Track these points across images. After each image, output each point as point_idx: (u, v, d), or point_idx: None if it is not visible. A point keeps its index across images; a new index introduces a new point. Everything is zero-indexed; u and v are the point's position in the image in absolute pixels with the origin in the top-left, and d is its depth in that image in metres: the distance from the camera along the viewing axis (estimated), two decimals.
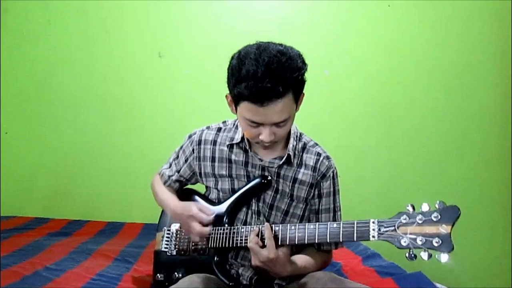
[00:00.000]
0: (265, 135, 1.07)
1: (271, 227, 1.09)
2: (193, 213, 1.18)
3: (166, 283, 1.21)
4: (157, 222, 1.39)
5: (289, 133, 1.20)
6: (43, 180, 2.64)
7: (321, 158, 1.22)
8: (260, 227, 1.11)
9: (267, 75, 0.98)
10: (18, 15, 2.61)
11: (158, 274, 1.29)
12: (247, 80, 1.00)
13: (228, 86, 1.08)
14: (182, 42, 2.62)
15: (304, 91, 1.10)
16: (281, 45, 1.07)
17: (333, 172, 1.23)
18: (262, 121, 1.05)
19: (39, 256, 1.69)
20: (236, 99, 1.06)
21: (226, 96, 1.13)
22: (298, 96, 1.08)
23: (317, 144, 1.26)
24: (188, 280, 1.11)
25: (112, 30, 2.62)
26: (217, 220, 1.21)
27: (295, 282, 1.17)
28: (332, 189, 1.23)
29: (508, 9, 2.50)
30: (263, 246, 1.08)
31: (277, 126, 1.07)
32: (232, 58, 1.07)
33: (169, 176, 1.35)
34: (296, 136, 1.23)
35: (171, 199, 1.30)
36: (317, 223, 1.06)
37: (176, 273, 1.23)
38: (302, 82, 1.07)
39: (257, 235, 1.10)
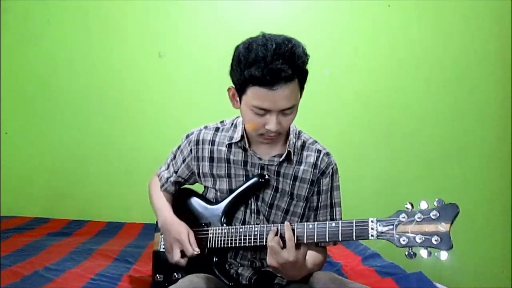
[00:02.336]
0: (271, 123, 1.07)
1: (291, 227, 1.04)
2: (181, 239, 1.16)
3: (166, 284, 1.21)
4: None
5: (288, 131, 1.20)
6: (43, 180, 2.64)
7: (321, 155, 1.22)
8: (279, 227, 1.07)
9: (276, 58, 1.00)
10: (18, 15, 2.61)
11: (157, 275, 1.29)
12: (256, 63, 1.01)
13: (233, 76, 1.08)
14: (182, 42, 2.62)
15: (304, 86, 1.11)
16: (284, 35, 1.08)
17: (332, 168, 1.23)
18: (270, 107, 1.05)
19: (39, 256, 1.69)
20: (244, 85, 1.05)
21: (228, 89, 1.13)
22: (302, 85, 1.09)
23: (316, 142, 1.26)
24: (188, 280, 1.11)
25: (112, 30, 2.62)
26: (215, 220, 1.21)
27: (294, 282, 1.17)
28: (330, 186, 1.23)
29: (508, 9, 2.50)
30: (283, 247, 1.03)
31: (283, 115, 1.07)
32: (237, 47, 1.08)
33: (167, 178, 1.34)
34: (296, 134, 1.23)
35: (164, 210, 1.28)
36: (316, 223, 1.06)
37: (175, 274, 1.23)
38: (306, 71, 1.08)
39: (276, 235, 1.05)
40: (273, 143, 1.18)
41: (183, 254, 1.17)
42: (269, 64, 1.00)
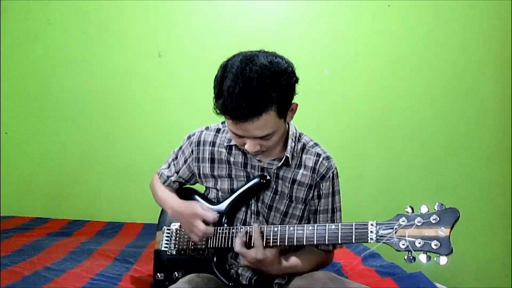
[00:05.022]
0: (248, 146, 1.08)
1: (260, 228, 1.09)
2: (198, 212, 1.17)
3: (166, 283, 1.21)
4: (157, 222, 1.39)
5: (287, 135, 1.20)
6: (43, 180, 2.64)
7: (320, 159, 1.22)
8: (249, 228, 1.12)
9: (244, 94, 0.96)
10: (18, 15, 2.60)
11: (158, 274, 1.29)
12: (224, 97, 0.99)
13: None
14: (182, 42, 2.62)
15: (299, 100, 1.09)
16: (270, 55, 1.03)
17: (332, 172, 1.22)
18: (244, 135, 1.06)
19: (39, 256, 1.69)
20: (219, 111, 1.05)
21: None
22: (284, 110, 1.05)
23: (317, 144, 1.26)
24: (188, 280, 1.11)
25: (112, 30, 2.62)
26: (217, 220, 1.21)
27: (294, 282, 1.17)
28: (331, 190, 1.23)
29: (508, 9, 2.50)
30: (250, 247, 1.09)
31: (262, 139, 1.07)
32: (220, 67, 1.06)
33: (168, 177, 1.35)
34: (295, 137, 1.23)
35: (171, 198, 1.30)
36: (316, 225, 1.06)
37: (176, 273, 1.24)
38: (288, 96, 1.04)
39: (245, 236, 1.10)
40: (266, 153, 1.16)
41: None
42: (234, 101, 0.97)
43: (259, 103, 0.98)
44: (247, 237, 1.11)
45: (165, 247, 1.29)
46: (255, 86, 0.97)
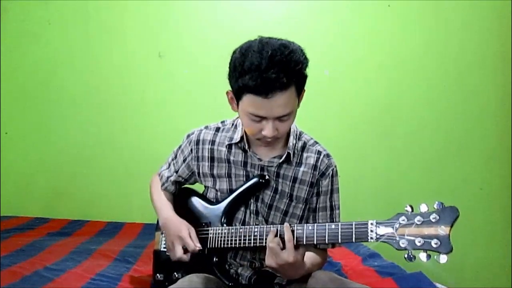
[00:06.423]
0: (267, 130, 1.06)
1: (291, 228, 1.06)
2: (182, 236, 1.17)
3: (166, 283, 1.21)
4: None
5: (288, 132, 1.20)
6: (43, 180, 2.64)
7: (321, 157, 1.22)
8: (279, 228, 1.08)
9: (271, 67, 0.99)
10: (18, 15, 2.61)
11: (157, 274, 1.29)
12: (251, 72, 1.00)
13: (230, 81, 1.08)
14: (182, 42, 2.62)
15: (305, 88, 1.10)
16: (282, 39, 1.07)
17: (332, 170, 1.23)
18: (266, 114, 1.04)
19: (39, 256, 1.69)
20: (239, 92, 1.05)
21: (227, 93, 1.13)
22: (300, 91, 1.08)
23: (317, 143, 1.26)
24: (188, 280, 1.11)
25: (112, 30, 2.62)
26: (216, 220, 1.21)
27: (295, 282, 1.17)
28: (330, 187, 1.23)
29: (508, 9, 2.50)
30: (282, 248, 1.04)
31: (280, 121, 1.07)
32: (234, 52, 1.07)
33: (167, 178, 1.34)
34: (296, 135, 1.23)
35: (164, 208, 1.29)
36: (316, 224, 1.06)
37: (175, 273, 1.23)
38: (304, 76, 1.07)
39: (276, 235, 1.06)
40: (274, 143, 1.18)
41: (186, 250, 1.17)
42: (263, 73, 0.98)
43: (285, 76, 1.00)
44: (279, 237, 1.06)
45: (164, 247, 1.29)
46: (280, 61, 1.00)
